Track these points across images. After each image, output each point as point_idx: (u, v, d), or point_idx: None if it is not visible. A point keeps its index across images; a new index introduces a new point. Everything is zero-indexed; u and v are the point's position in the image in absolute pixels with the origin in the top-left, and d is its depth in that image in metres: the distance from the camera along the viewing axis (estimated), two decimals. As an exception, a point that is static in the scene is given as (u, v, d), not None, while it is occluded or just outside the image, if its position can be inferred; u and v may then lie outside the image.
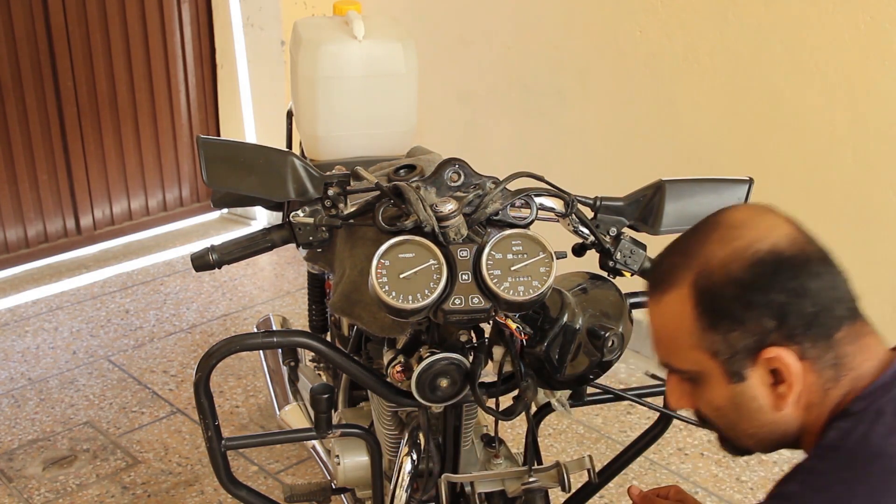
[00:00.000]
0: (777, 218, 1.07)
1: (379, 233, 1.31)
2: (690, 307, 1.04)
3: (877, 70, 2.45)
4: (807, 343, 1.02)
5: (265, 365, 2.32)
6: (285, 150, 1.36)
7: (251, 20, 3.99)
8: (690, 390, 1.11)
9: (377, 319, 1.39)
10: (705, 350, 1.05)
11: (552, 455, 2.68)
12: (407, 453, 1.53)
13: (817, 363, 1.03)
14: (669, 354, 1.10)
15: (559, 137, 3.24)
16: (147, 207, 4.17)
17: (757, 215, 1.07)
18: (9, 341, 3.32)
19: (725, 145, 2.80)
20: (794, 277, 1.02)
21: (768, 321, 1.01)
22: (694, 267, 1.05)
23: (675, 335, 1.07)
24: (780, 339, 1.02)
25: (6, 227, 3.75)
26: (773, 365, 1.03)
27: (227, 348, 1.38)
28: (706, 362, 1.05)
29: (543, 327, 1.29)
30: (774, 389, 1.04)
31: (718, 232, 1.06)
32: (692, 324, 1.05)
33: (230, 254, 1.39)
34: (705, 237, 1.06)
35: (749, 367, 1.04)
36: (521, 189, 1.33)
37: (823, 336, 1.03)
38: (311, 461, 2.62)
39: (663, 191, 1.40)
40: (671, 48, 2.85)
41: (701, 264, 1.05)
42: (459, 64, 3.47)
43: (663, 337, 1.10)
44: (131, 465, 2.66)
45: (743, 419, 1.08)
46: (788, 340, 1.02)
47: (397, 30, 2.02)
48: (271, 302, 3.64)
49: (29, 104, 3.65)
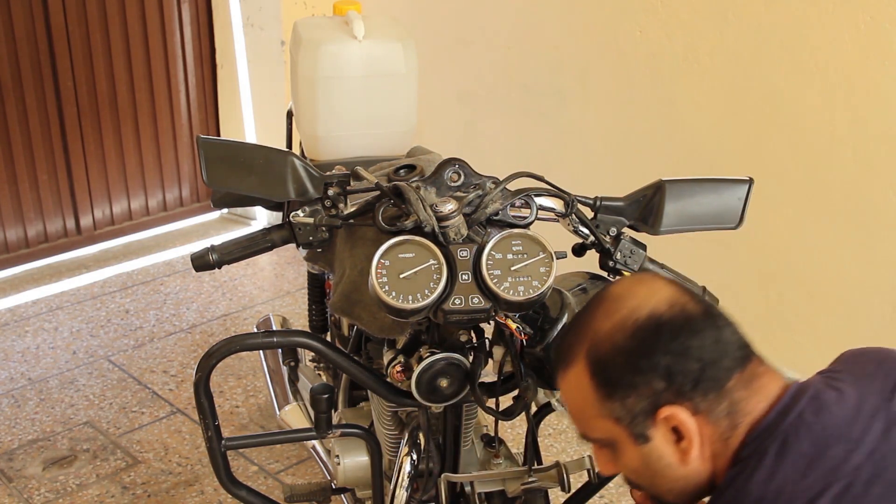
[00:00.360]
0: (655, 284, 1.13)
1: (379, 233, 1.31)
2: (588, 380, 1.11)
3: (877, 70, 2.45)
4: (697, 398, 1.07)
5: (265, 365, 2.32)
6: (285, 150, 1.36)
7: (251, 20, 3.99)
8: (611, 456, 1.16)
9: (377, 319, 1.39)
10: (609, 418, 1.10)
11: (552, 455, 2.68)
12: (407, 453, 1.53)
13: (711, 415, 1.08)
14: (582, 426, 1.16)
15: (559, 137, 3.24)
16: (147, 207, 4.17)
17: (636, 285, 1.14)
18: (9, 341, 3.32)
19: (725, 145, 2.80)
20: (674, 338, 1.07)
21: (658, 383, 1.07)
22: (585, 342, 1.12)
23: (582, 407, 1.13)
24: (672, 398, 1.07)
25: (6, 227, 3.74)
26: (671, 423, 1.08)
27: (227, 348, 1.38)
28: (613, 429, 1.11)
29: (543, 327, 1.30)
30: (678, 446, 1.09)
31: (603, 306, 1.13)
32: (593, 395, 1.11)
33: (230, 254, 1.39)
34: (593, 313, 1.13)
35: (650, 428, 1.09)
36: (521, 189, 1.33)
37: (713, 388, 1.07)
38: (311, 461, 2.62)
39: (663, 191, 1.40)
40: (671, 48, 2.85)
41: (591, 339, 1.11)
42: (459, 64, 3.47)
43: (573, 410, 1.17)
44: (131, 465, 2.66)
45: (658, 477, 1.13)
46: (680, 398, 1.07)
47: (397, 30, 2.02)
48: (271, 302, 3.64)
49: (29, 104, 3.65)
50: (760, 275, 2.82)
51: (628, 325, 1.09)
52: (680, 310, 1.09)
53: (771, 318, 2.84)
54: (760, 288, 2.83)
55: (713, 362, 1.07)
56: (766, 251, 2.77)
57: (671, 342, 1.07)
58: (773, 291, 2.81)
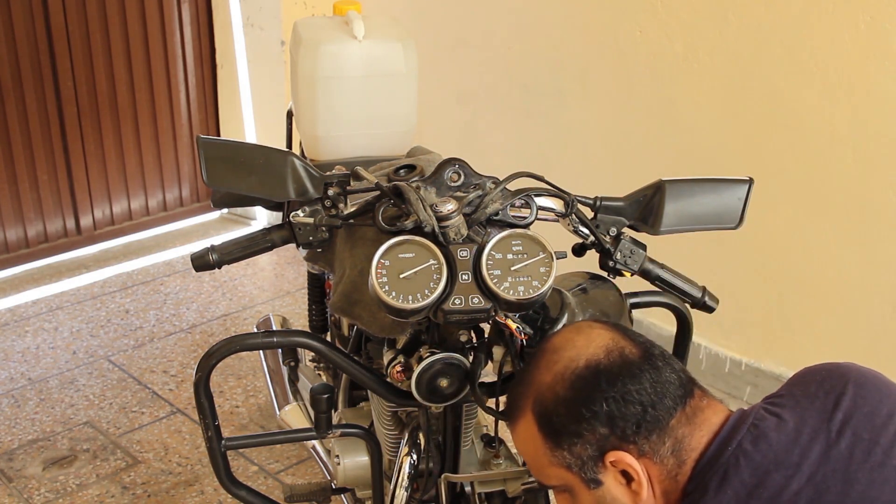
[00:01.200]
0: (593, 332, 1.15)
1: (379, 233, 1.31)
2: (536, 431, 1.14)
3: (877, 70, 2.45)
4: (641, 440, 1.09)
5: (265, 365, 2.32)
6: (285, 150, 1.36)
7: (251, 20, 3.99)
8: (569, 500, 1.18)
9: (377, 319, 1.39)
10: (560, 466, 1.13)
11: (552, 455, 2.68)
12: (407, 453, 1.53)
13: (657, 455, 1.10)
14: (538, 474, 1.19)
15: (559, 137, 3.24)
16: (147, 207, 4.17)
17: (574, 334, 1.16)
18: (9, 341, 3.32)
19: (725, 145, 2.80)
20: (613, 384, 1.09)
21: (601, 429, 1.09)
22: (530, 395, 1.15)
23: (534, 457, 1.16)
24: (616, 443, 1.09)
25: (6, 227, 3.74)
26: (619, 467, 1.10)
27: (227, 348, 1.38)
28: (566, 476, 1.14)
29: (543, 327, 1.30)
30: (629, 487, 1.11)
31: (544, 358, 1.15)
32: (542, 445, 1.14)
33: (230, 254, 1.39)
34: (535, 366, 1.16)
35: (601, 473, 1.11)
36: (521, 189, 1.33)
37: (656, 429, 1.09)
38: (311, 461, 2.62)
39: (663, 191, 1.40)
40: (671, 48, 2.85)
41: (535, 391, 1.14)
42: (459, 64, 3.47)
43: (528, 460, 1.20)
44: (131, 465, 2.66)
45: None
46: (624, 441, 1.09)
47: (397, 30, 2.02)
48: (271, 302, 3.64)
49: (29, 104, 3.65)
50: (760, 275, 2.82)
51: (567, 375, 1.11)
52: (618, 355, 1.12)
53: (771, 318, 2.84)
54: (760, 288, 2.83)
55: (653, 404, 1.10)
56: (766, 251, 2.78)
57: (610, 388, 1.09)
58: (773, 291, 2.81)
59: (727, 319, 2.87)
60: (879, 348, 2.62)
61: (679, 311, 1.50)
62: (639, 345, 1.14)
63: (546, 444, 1.13)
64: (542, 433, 1.13)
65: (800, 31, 2.56)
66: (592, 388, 1.10)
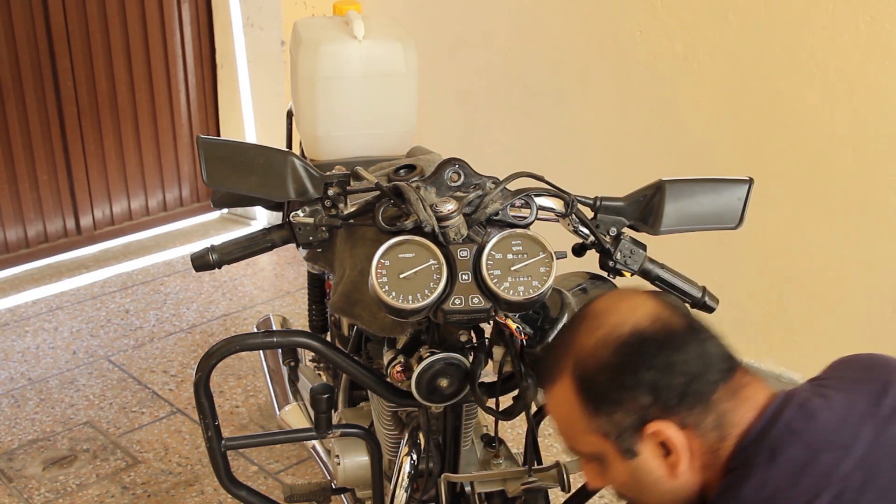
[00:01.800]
0: (637, 299, 1.13)
1: (379, 233, 1.31)
2: (574, 396, 1.11)
3: (877, 70, 2.45)
4: (684, 412, 1.07)
5: (265, 365, 2.32)
6: (285, 150, 1.36)
7: (251, 20, 3.99)
8: (599, 470, 1.16)
9: (377, 319, 1.39)
10: (596, 433, 1.11)
11: (552, 455, 2.68)
12: (407, 453, 1.53)
13: (699, 428, 1.08)
14: (570, 440, 1.17)
15: (559, 137, 3.24)
16: (147, 207, 4.17)
17: (618, 301, 1.14)
18: (9, 341, 3.32)
19: (725, 145, 2.80)
20: (658, 354, 1.07)
21: (643, 398, 1.07)
22: (570, 359, 1.12)
23: (569, 423, 1.14)
24: (658, 413, 1.07)
25: (6, 227, 3.74)
26: (659, 438, 1.08)
27: (227, 348, 1.38)
28: (600, 444, 1.11)
29: (543, 327, 1.29)
30: (666, 460, 1.09)
31: (586, 323, 1.13)
32: (579, 411, 1.11)
33: (230, 254, 1.39)
34: (577, 329, 1.14)
35: (638, 444, 1.09)
36: (521, 189, 1.33)
37: (700, 402, 1.07)
38: (311, 461, 2.62)
39: (663, 191, 1.40)
40: (671, 48, 2.85)
41: (575, 355, 1.11)
42: (459, 64, 3.47)
43: (560, 425, 1.17)
44: (131, 465, 2.66)
45: (646, 491, 1.13)
46: (666, 413, 1.07)
47: (397, 30, 2.02)
48: (271, 302, 3.64)
49: (29, 104, 3.65)
50: (760, 275, 2.82)
51: (611, 340, 1.09)
52: (662, 325, 1.10)
53: (771, 318, 2.84)
54: (760, 288, 2.83)
55: (698, 376, 1.07)
56: (766, 251, 2.77)
57: (655, 357, 1.07)
58: (773, 291, 2.81)
59: (727, 319, 2.85)
60: (879, 348, 2.61)
61: (679, 311, 1.50)
62: (683, 316, 1.13)
63: (584, 410, 1.10)
64: (581, 398, 1.10)
65: (800, 31, 2.56)
66: (637, 356, 1.07)
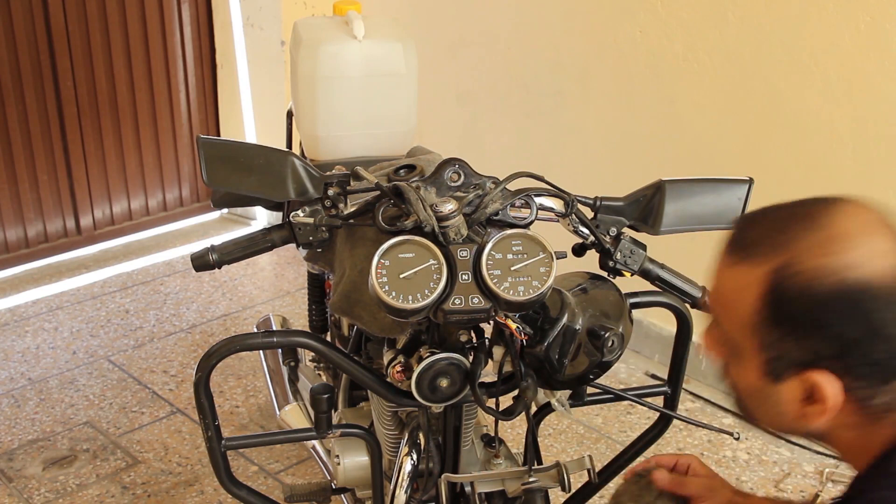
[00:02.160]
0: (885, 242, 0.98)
1: (379, 233, 1.31)
2: (759, 292, 0.99)
3: (877, 70, 2.45)
4: (861, 382, 0.97)
5: (265, 365, 2.32)
6: (285, 150, 1.36)
7: (251, 20, 3.99)
8: (725, 351, 1.08)
9: (377, 319, 1.39)
10: (755, 337, 1.00)
11: (552, 455, 2.68)
12: (407, 453, 1.53)
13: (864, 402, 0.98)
14: (720, 314, 1.06)
15: (559, 137, 3.24)
16: (147, 207, 4.17)
17: (864, 233, 0.98)
18: (9, 341, 3.32)
19: (725, 145, 2.80)
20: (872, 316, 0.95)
21: (828, 348, 0.96)
22: (779, 256, 0.98)
23: (734, 305, 1.03)
24: (832, 368, 0.97)
25: (6, 227, 3.74)
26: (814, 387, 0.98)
27: (227, 348, 1.37)
28: (750, 346, 1.01)
29: (543, 327, 1.29)
30: (803, 405, 1.00)
31: (818, 235, 0.98)
32: (754, 307, 0.99)
33: (230, 254, 1.39)
34: (803, 232, 0.99)
35: (790, 376, 0.99)
36: (521, 189, 1.33)
37: (881, 380, 0.97)
38: (311, 461, 2.62)
39: (663, 191, 1.40)
40: (671, 48, 2.85)
41: (786, 259, 0.97)
42: (459, 64, 3.47)
43: (721, 298, 1.06)
44: (131, 465, 2.66)
45: (761, 410, 1.06)
46: (841, 373, 0.96)
47: (397, 30, 2.02)
48: (271, 302, 3.64)
49: (29, 104, 3.65)
50: (760, 275, 2.82)
51: (834, 277, 0.95)
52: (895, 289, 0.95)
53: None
54: (760, 288, 2.83)
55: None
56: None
57: (867, 318, 0.94)
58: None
59: (727, 319, 2.87)
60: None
61: (679, 311, 1.50)
62: None
63: (759, 311, 0.99)
64: (765, 301, 0.98)
65: (800, 31, 2.56)
66: (851, 309, 0.94)
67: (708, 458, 2.66)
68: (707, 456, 2.67)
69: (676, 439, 2.72)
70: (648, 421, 2.27)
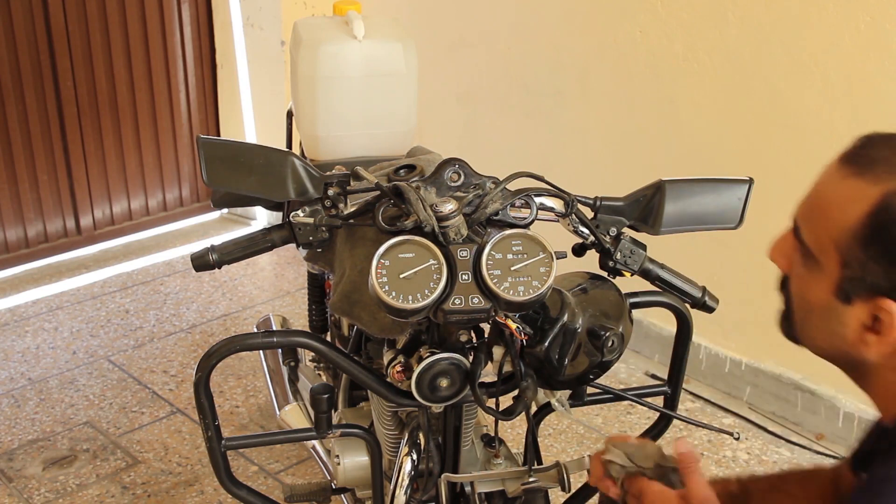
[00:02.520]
0: None
1: (379, 233, 1.31)
2: (866, 209, 0.98)
3: (877, 70, 2.45)
4: None
5: (265, 365, 2.32)
6: (285, 150, 1.36)
7: (251, 20, 3.99)
8: (797, 259, 1.07)
9: (377, 319, 1.39)
10: (839, 252, 1.00)
11: (552, 455, 2.68)
12: (407, 453, 1.53)
13: None
14: (812, 221, 1.05)
15: (559, 137, 3.24)
16: (147, 207, 4.17)
17: None
18: (9, 341, 3.32)
19: (725, 145, 2.80)
20: None
21: None
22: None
23: (834, 215, 1.01)
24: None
25: (6, 227, 3.74)
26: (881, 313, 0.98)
27: (227, 348, 1.37)
28: (831, 259, 1.01)
29: (543, 327, 1.29)
30: (865, 332, 1.00)
31: None
32: (855, 222, 0.98)
33: (230, 254, 1.39)
34: None
35: (860, 300, 0.99)
36: (521, 189, 1.33)
37: None
38: (311, 461, 2.62)
39: (663, 191, 1.40)
40: (671, 48, 2.85)
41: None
42: (459, 64, 3.47)
43: (821, 206, 1.04)
44: (131, 465, 2.66)
45: (818, 326, 1.06)
46: None
47: (397, 30, 2.02)
48: (271, 302, 3.64)
49: (29, 104, 3.65)
50: (760, 275, 2.82)
51: None
52: None
53: (771, 318, 2.84)
54: (760, 288, 2.83)
55: None
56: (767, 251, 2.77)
57: None
58: (773, 291, 2.81)
59: (727, 319, 2.87)
60: (879, 348, 2.61)
61: (679, 311, 1.50)
62: None
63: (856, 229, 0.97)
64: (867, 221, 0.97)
65: (800, 31, 2.56)
66: None
67: (708, 458, 2.66)
68: (707, 456, 2.67)
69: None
70: (648, 421, 2.27)
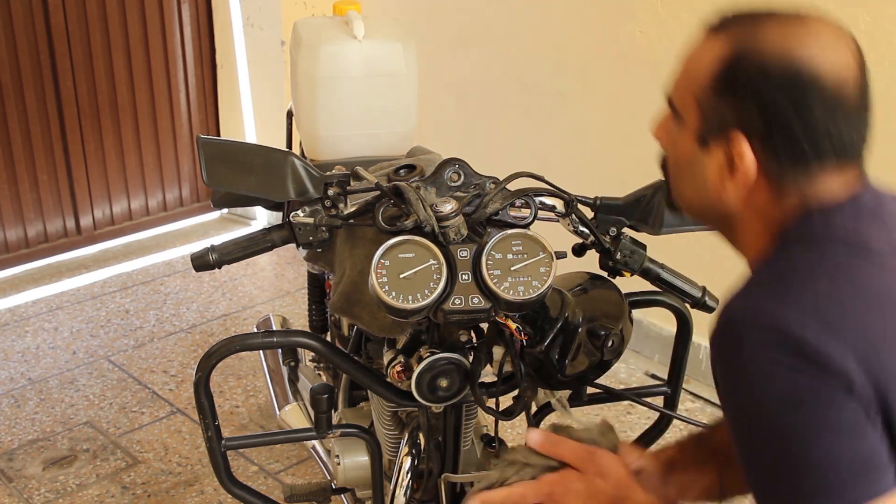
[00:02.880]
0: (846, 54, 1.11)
1: (379, 233, 1.31)
2: (718, 59, 1.06)
3: (877, 70, 2.44)
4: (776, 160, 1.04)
5: (265, 365, 2.32)
6: (285, 150, 1.36)
7: (251, 20, 3.99)
8: (670, 128, 1.16)
9: (377, 319, 1.39)
10: (697, 101, 1.08)
11: (552, 455, 2.68)
12: (407, 453, 1.53)
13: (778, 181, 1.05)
14: (677, 85, 1.15)
15: (559, 137, 3.24)
16: (147, 207, 4.17)
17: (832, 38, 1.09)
18: (9, 341, 3.32)
19: (725, 145, 2.80)
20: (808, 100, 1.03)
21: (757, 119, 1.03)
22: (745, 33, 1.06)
23: (691, 73, 1.11)
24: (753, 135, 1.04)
25: (6, 227, 3.75)
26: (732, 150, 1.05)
27: (227, 348, 1.38)
28: (692, 112, 1.10)
29: (543, 327, 1.29)
30: (723, 175, 1.07)
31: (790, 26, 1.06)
32: (706, 73, 1.07)
33: (230, 254, 1.39)
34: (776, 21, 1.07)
35: (716, 141, 1.06)
36: (521, 189, 1.33)
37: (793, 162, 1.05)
38: (311, 461, 2.62)
39: (663, 191, 1.40)
40: (671, 48, 2.85)
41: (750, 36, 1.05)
42: (459, 64, 3.47)
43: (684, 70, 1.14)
44: (131, 465, 2.66)
45: (688, 182, 1.13)
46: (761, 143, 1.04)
47: (397, 30, 2.02)
48: (271, 302, 3.64)
49: (29, 104, 3.65)
50: (760, 275, 2.82)
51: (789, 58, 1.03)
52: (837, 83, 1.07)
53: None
54: (760, 288, 2.83)
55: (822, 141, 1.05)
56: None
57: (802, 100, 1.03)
58: (773, 291, 2.81)
59: (727, 319, 2.86)
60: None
61: (679, 311, 1.50)
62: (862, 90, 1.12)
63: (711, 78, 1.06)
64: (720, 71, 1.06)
65: (800, 31, 2.55)
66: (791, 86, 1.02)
67: (708, 458, 2.66)
68: (707, 456, 2.66)
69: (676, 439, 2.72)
70: (648, 421, 2.27)
